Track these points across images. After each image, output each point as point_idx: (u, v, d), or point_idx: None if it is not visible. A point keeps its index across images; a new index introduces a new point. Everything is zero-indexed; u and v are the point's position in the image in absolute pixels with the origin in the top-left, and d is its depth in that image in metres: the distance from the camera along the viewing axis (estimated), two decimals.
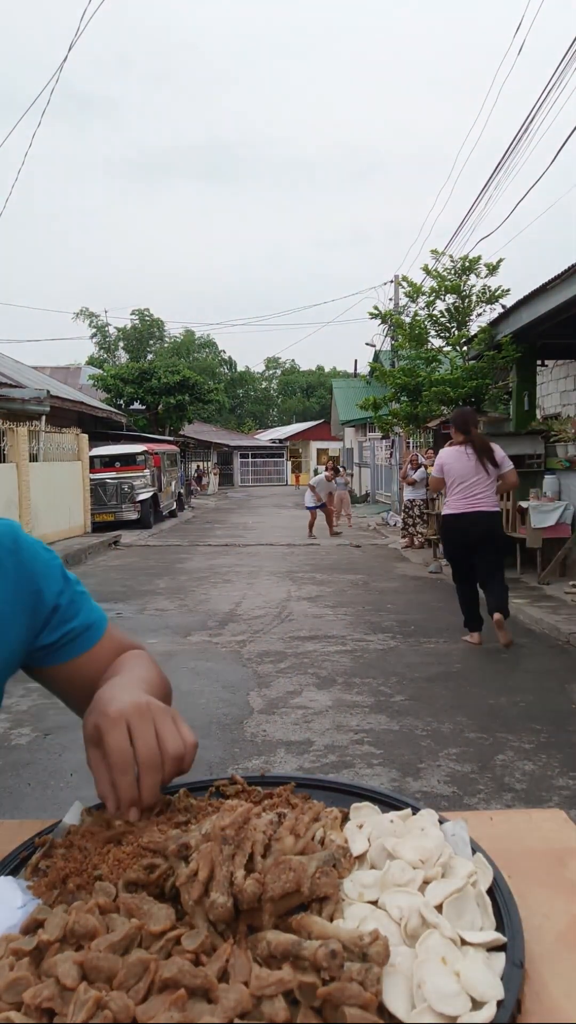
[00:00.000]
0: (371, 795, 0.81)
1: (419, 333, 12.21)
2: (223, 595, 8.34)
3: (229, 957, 0.53)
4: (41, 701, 4.53)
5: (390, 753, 3.69)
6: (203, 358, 47.78)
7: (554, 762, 3.53)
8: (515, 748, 3.71)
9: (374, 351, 21.36)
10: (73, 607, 0.94)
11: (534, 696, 4.57)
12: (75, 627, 0.94)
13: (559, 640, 5.88)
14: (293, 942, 0.53)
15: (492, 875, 0.64)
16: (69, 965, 0.51)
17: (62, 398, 15.93)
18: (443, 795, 3.20)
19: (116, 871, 0.64)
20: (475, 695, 4.60)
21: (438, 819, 0.72)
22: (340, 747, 3.79)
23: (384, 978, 0.52)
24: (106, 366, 31.10)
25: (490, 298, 11.94)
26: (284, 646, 5.95)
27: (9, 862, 0.71)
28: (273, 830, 0.65)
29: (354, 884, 0.64)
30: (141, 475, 16.98)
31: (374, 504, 23.80)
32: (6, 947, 0.55)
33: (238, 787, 0.83)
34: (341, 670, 5.22)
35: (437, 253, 12.62)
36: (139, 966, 0.52)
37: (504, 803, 3.11)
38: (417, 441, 17.55)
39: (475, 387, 10.73)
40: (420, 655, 5.61)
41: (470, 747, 3.74)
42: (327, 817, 0.72)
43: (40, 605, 0.91)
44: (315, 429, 45.09)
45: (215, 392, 29.51)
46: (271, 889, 0.57)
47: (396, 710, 4.35)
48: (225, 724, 4.13)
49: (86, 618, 0.95)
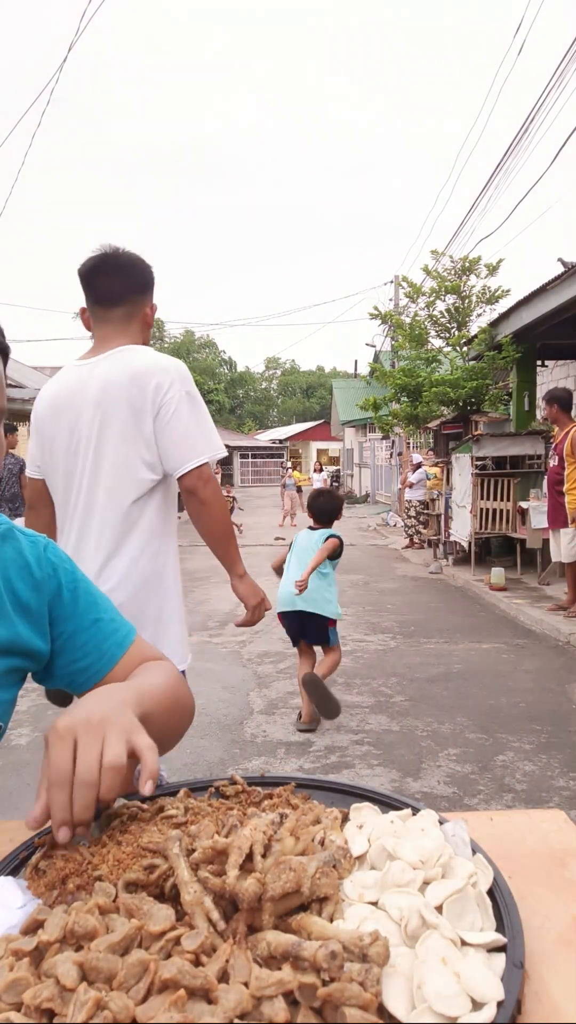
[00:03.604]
0: (371, 796, 0.81)
1: (419, 333, 12.21)
2: (223, 595, 8.33)
3: (229, 958, 0.53)
4: (41, 701, 4.53)
5: (390, 754, 3.69)
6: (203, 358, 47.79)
7: (554, 763, 3.53)
8: (515, 749, 3.71)
9: (374, 351, 21.36)
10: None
11: (534, 696, 4.57)
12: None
13: (559, 640, 5.88)
14: (293, 943, 0.52)
15: (492, 876, 0.64)
16: (69, 966, 0.51)
17: None
18: (443, 796, 3.20)
19: (116, 871, 0.64)
20: (475, 695, 4.60)
21: (438, 819, 0.72)
22: (340, 747, 3.79)
23: (384, 979, 0.52)
24: None
25: (490, 298, 11.94)
26: (284, 646, 5.94)
27: (9, 862, 0.71)
28: (274, 831, 0.65)
29: (354, 885, 0.64)
30: None
31: (374, 504, 23.80)
32: (6, 947, 0.55)
33: (238, 787, 0.83)
34: (341, 670, 5.22)
35: (437, 254, 12.63)
36: (139, 967, 0.52)
37: (504, 804, 3.11)
38: (417, 442, 17.56)
39: (475, 387, 10.73)
40: (420, 655, 5.61)
41: (470, 748, 3.74)
42: (327, 818, 0.72)
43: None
44: (315, 429, 45.11)
45: (215, 392, 29.56)
46: (271, 889, 0.57)
47: (396, 710, 4.35)
48: (225, 724, 4.13)
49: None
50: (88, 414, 1.87)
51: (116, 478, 1.85)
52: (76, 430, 1.89)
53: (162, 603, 1.92)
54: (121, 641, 1.00)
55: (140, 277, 1.98)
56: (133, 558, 1.87)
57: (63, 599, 0.97)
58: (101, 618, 1.00)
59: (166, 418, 1.82)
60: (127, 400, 1.82)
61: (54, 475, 1.98)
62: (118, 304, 1.94)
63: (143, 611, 1.86)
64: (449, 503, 9.91)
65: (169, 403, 1.82)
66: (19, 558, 0.94)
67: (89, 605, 0.99)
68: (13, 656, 0.92)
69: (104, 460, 1.86)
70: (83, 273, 1.96)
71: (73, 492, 1.92)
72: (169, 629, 1.92)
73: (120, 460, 1.84)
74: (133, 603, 1.84)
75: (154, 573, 1.90)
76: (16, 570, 0.94)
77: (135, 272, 1.97)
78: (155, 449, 1.84)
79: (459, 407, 11.29)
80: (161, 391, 1.82)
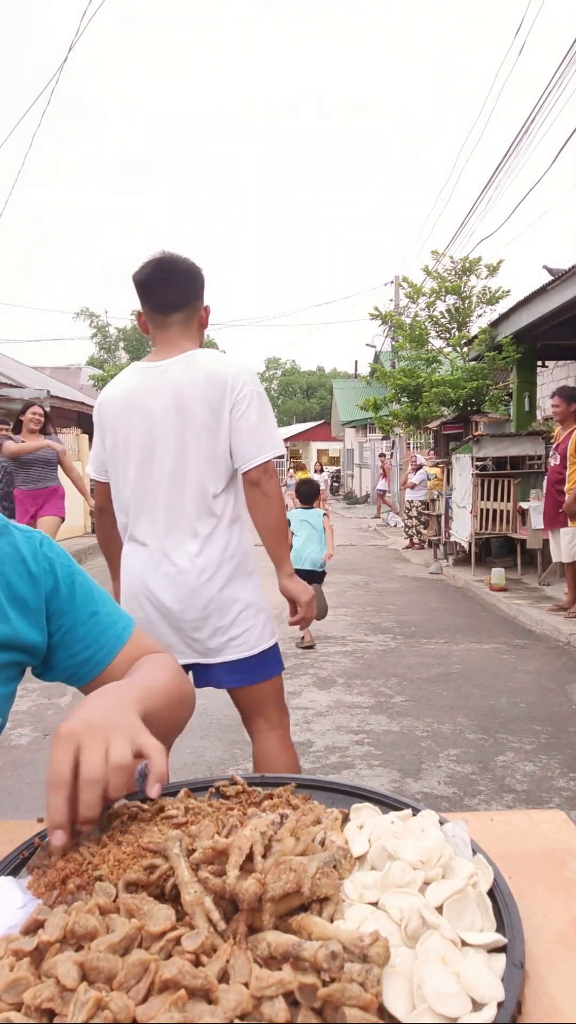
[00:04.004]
0: (371, 796, 0.81)
1: (419, 334, 12.21)
2: None
3: (229, 958, 0.53)
4: (41, 701, 4.53)
5: (390, 754, 3.69)
6: None
7: (555, 763, 3.53)
8: (515, 749, 3.71)
9: (374, 352, 21.37)
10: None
11: (534, 697, 4.57)
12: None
13: (559, 641, 5.88)
14: (293, 943, 0.52)
15: (492, 876, 0.64)
16: (69, 966, 0.51)
17: (62, 398, 15.93)
18: (443, 796, 3.20)
19: (116, 872, 0.64)
20: (475, 696, 4.60)
21: (438, 820, 0.72)
22: (340, 748, 3.79)
23: (384, 979, 0.52)
24: (106, 366, 31.11)
25: (490, 299, 11.94)
26: (284, 647, 5.94)
27: (9, 862, 0.71)
28: (274, 831, 0.65)
29: (354, 885, 0.64)
30: None
31: (374, 505, 23.78)
32: (6, 947, 0.55)
33: (238, 787, 0.83)
34: (341, 671, 5.22)
35: (437, 254, 12.62)
36: (139, 967, 0.52)
37: (504, 804, 3.11)
38: (418, 442, 17.55)
39: (475, 388, 10.73)
40: (420, 656, 5.61)
41: (470, 748, 3.74)
42: (328, 818, 0.72)
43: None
44: (315, 430, 45.06)
45: None
46: (271, 889, 0.57)
47: (396, 711, 4.35)
48: (225, 725, 4.13)
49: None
50: (165, 415, 1.96)
51: (200, 474, 1.97)
52: (151, 429, 1.98)
53: (252, 587, 2.07)
54: (120, 633, 1.00)
55: (195, 282, 2.07)
56: (223, 548, 2.00)
57: (60, 593, 0.97)
58: (99, 611, 1.00)
59: (238, 415, 1.95)
60: (205, 400, 1.94)
61: (124, 473, 2.05)
62: (177, 310, 2.04)
63: (237, 597, 2.01)
64: (449, 503, 9.91)
65: (241, 401, 1.95)
66: (15, 553, 0.95)
67: (86, 599, 1.00)
68: (10, 651, 0.93)
69: (187, 457, 1.96)
70: (139, 281, 2.05)
71: (152, 489, 2.00)
72: (260, 612, 2.08)
73: (203, 456, 1.96)
74: (229, 590, 2.00)
75: (241, 561, 2.04)
76: (12, 565, 0.94)
77: (190, 278, 2.06)
78: (227, 446, 1.97)
79: (459, 407, 11.29)
80: (235, 390, 1.95)
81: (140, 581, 2.02)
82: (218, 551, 1.99)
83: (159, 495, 1.99)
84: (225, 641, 2.01)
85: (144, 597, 2.02)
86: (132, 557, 2.07)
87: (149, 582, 2.00)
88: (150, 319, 2.07)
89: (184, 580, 1.97)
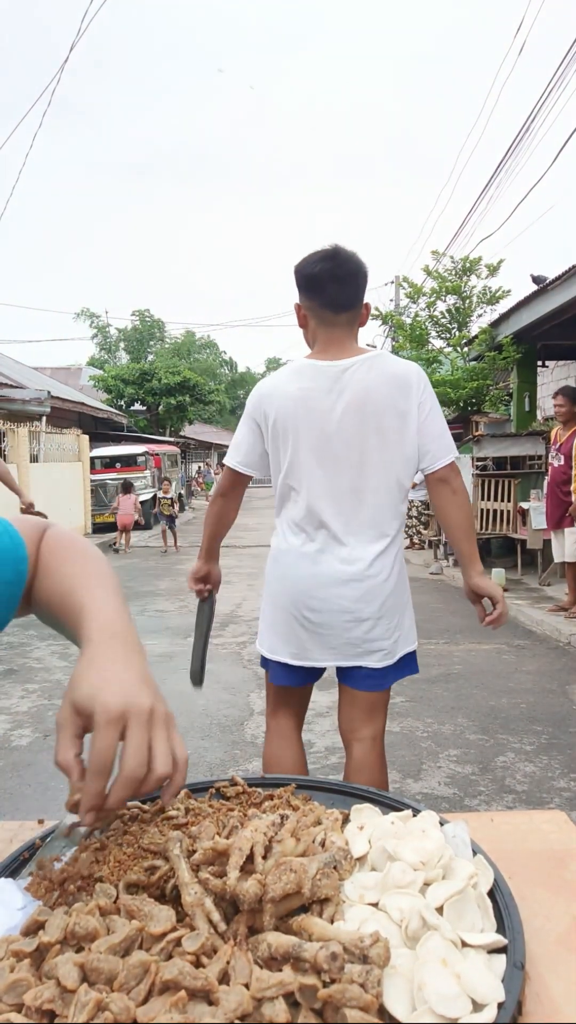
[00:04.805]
0: (372, 797, 0.81)
1: (420, 334, 12.21)
2: (223, 596, 8.31)
3: (230, 959, 0.53)
4: (41, 702, 4.53)
5: (390, 754, 3.68)
6: (203, 359, 47.77)
7: (555, 764, 3.53)
8: (516, 750, 3.71)
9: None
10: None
11: (535, 697, 4.57)
12: None
13: (560, 641, 5.88)
14: (294, 944, 0.52)
15: (493, 877, 0.64)
16: (70, 967, 0.51)
17: (63, 399, 15.94)
18: (444, 797, 3.20)
19: (117, 873, 0.64)
20: (476, 696, 4.60)
21: (439, 821, 0.72)
22: (341, 748, 3.78)
23: (385, 980, 0.52)
24: (107, 367, 31.09)
25: (491, 299, 11.94)
26: None
27: (9, 863, 0.71)
28: (275, 832, 0.65)
29: (355, 886, 0.64)
30: (142, 476, 17.00)
31: None
32: (7, 949, 0.55)
33: (238, 788, 0.83)
34: None
35: (438, 254, 12.62)
36: (140, 968, 0.52)
37: (505, 805, 3.11)
38: None
39: (476, 388, 10.74)
40: (420, 656, 5.56)
41: (471, 748, 3.74)
42: (328, 819, 0.72)
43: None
44: None
45: (216, 393, 29.54)
46: (272, 890, 0.57)
47: (396, 711, 4.35)
48: (226, 726, 4.13)
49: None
50: (348, 417, 1.94)
51: (393, 475, 1.98)
52: (335, 430, 1.95)
53: (408, 589, 2.14)
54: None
55: (365, 282, 2.04)
56: (395, 553, 2.05)
57: None
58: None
59: (424, 415, 1.98)
60: (392, 405, 1.94)
61: (296, 469, 2.01)
62: (348, 310, 2.00)
63: (400, 599, 2.07)
64: None
65: (425, 403, 1.98)
66: None
67: None
68: None
69: (378, 459, 1.97)
70: (310, 275, 1.99)
71: (341, 490, 1.99)
72: (411, 612, 2.15)
73: (394, 457, 1.97)
74: (397, 592, 2.05)
75: (402, 564, 2.10)
76: None
77: (362, 277, 2.03)
78: (416, 447, 1.99)
79: (460, 408, 11.30)
80: (418, 393, 1.97)
81: (308, 580, 2.01)
82: (393, 553, 2.04)
83: (347, 496, 1.98)
84: (392, 642, 2.05)
85: (309, 596, 2.00)
86: (296, 554, 2.03)
87: (321, 581, 1.99)
88: (316, 315, 2.01)
89: (368, 579, 1.98)
